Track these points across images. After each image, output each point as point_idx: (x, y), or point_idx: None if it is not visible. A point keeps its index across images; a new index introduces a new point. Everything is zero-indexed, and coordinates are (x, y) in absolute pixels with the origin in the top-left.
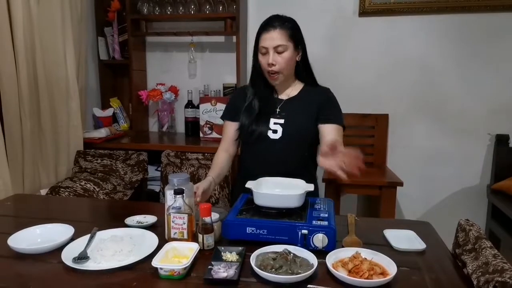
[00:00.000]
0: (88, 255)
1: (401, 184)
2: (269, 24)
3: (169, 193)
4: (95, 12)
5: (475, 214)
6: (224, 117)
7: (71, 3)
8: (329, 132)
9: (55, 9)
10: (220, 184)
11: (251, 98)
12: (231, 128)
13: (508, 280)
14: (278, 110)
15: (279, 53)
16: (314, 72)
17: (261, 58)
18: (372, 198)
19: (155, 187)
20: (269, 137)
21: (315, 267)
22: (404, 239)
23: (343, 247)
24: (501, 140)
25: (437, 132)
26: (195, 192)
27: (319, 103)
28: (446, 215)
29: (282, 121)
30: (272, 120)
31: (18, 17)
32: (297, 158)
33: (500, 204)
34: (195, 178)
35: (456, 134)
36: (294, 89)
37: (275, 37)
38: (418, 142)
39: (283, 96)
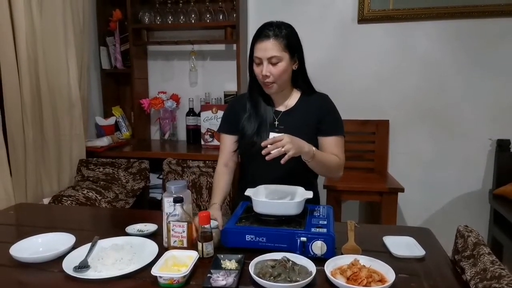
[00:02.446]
0: (88, 263)
1: (402, 190)
2: (262, 33)
3: (166, 201)
4: (97, 22)
5: (477, 220)
6: (221, 130)
7: (73, 13)
8: (328, 145)
9: (58, 19)
10: None
11: (252, 108)
12: (228, 141)
13: (506, 286)
14: (276, 123)
15: (273, 64)
16: (314, 79)
17: (256, 68)
18: (374, 204)
19: (157, 195)
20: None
21: (313, 275)
22: (403, 246)
23: (342, 254)
24: (502, 145)
25: (438, 137)
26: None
27: (318, 114)
28: (448, 221)
29: (280, 134)
30: (271, 134)
31: (20, 26)
32: (297, 169)
33: (502, 210)
34: (196, 186)
35: (457, 140)
36: (291, 99)
37: (268, 48)
38: (419, 147)
39: (281, 107)
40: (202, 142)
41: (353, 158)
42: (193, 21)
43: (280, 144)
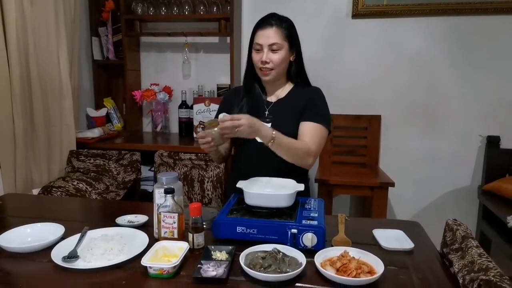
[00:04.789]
0: (78, 254)
1: (392, 184)
2: (265, 21)
3: (157, 192)
4: (89, 12)
5: (466, 215)
6: (217, 117)
7: (65, 3)
8: (302, 130)
9: (49, 9)
10: (213, 184)
11: (244, 98)
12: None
13: (492, 278)
14: (266, 113)
15: (273, 51)
16: (308, 73)
17: (255, 55)
18: (364, 198)
19: (148, 187)
20: (256, 140)
21: (303, 266)
22: (392, 239)
23: (332, 246)
24: (492, 141)
25: (429, 133)
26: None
27: (304, 103)
28: (437, 216)
29: (269, 125)
30: None
31: (11, 16)
32: (285, 161)
33: (491, 205)
34: (188, 179)
35: (448, 136)
36: (283, 90)
37: (270, 35)
38: (410, 143)
39: (273, 98)
40: (195, 135)
41: (345, 153)
42: (186, 13)
43: (237, 123)
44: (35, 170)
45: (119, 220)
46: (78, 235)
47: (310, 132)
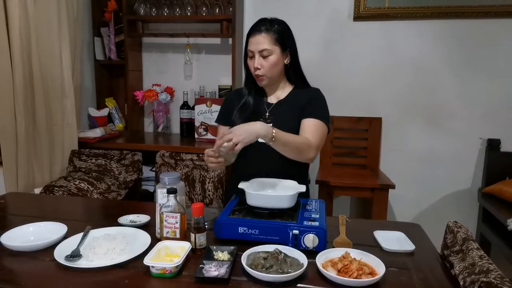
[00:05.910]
0: (80, 253)
1: (393, 186)
2: (255, 28)
3: (160, 192)
4: (92, 12)
5: (466, 218)
6: (218, 120)
7: (68, 3)
8: (304, 126)
9: (52, 9)
10: (214, 184)
11: (244, 99)
12: (223, 132)
13: (493, 280)
14: (267, 114)
15: (264, 57)
16: (309, 75)
17: (249, 62)
18: (365, 200)
19: (150, 187)
20: (257, 140)
21: (305, 267)
22: (393, 240)
23: (333, 247)
24: (492, 144)
25: (430, 135)
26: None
27: (305, 103)
28: (437, 218)
29: (270, 125)
30: None
31: (14, 16)
32: (286, 161)
33: (491, 208)
34: (189, 179)
35: (449, 138)
36: (283, 92)
37: (260, 41)
38: (411, 145)
39: (273, 99)
40: (196, 136)
41: (345, 155)
42: (188, 14)
43: (226, 138)
44: (37, 169)
45: (121, 219)
46: (80, 234)
47: (311, 128)
